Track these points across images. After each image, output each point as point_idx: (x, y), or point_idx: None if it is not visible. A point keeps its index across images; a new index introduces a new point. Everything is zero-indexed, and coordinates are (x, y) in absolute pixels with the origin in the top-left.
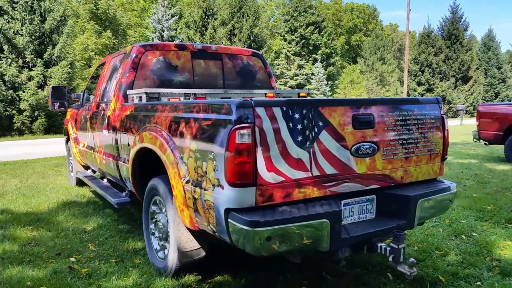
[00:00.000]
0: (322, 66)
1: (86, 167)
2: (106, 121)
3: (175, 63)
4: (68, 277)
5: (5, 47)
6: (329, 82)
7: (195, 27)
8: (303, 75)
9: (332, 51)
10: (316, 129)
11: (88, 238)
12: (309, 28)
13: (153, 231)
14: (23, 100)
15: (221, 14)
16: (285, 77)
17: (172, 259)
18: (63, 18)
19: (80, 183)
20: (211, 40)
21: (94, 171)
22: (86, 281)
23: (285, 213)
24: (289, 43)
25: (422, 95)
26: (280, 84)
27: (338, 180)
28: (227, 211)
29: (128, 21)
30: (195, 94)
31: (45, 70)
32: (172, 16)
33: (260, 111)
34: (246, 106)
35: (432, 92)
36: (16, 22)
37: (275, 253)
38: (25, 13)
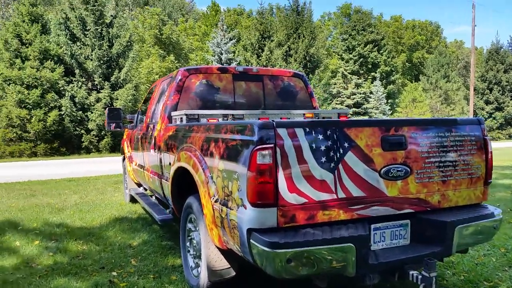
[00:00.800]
0: (382, 85)
1: (139, 185)
2: (153, 141)
3: (217, 85)
4: None
5: (77, 71)
6: (389, 101)
7: (252, 49)
8: (360, 93)
9: (392, 69)
10: (341, 150)
11: (132, 253)
12: (367, 46)
13: (189, 249)
14: (91, 120)
15: (278, 36)
16: (341, 96)
17: (204, 277)
18: (129, 43)
19: (133, 200)
20: (266, 62)
21: (145, 189)
22: None
23: (307, 235)
24: (347, 62)
25: (491, 114)
26: (336, 104)
27: (367, 203)
28: (249, 231)
29: (190, 46)
30: (233, 115)
31: (112, 92)
32: (230, 40)
33: (282, 132)
34: (268, 127)
35: (502, 111)
36: (87, 48)
37: (297, 276)
38: (95, 39)
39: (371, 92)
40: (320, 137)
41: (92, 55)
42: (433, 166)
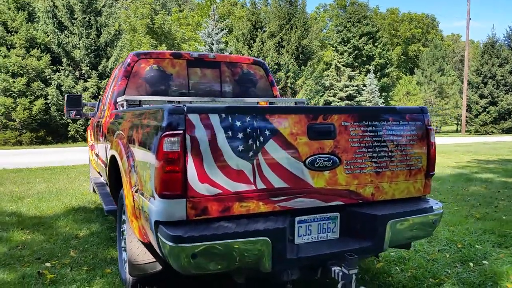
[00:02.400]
0: (376, 77)
1: (101, 174)
2: (101, 128)
3: (169, 71)
4: (32, 283)
5: (64, 59)
6: (383, 94)
7: (244, 40)
8: (353, 86)
9: (387, 61)
10: (261, 139)
11: (75, 244)
12: (362, 39)
13: (122, 241)
14: None
15: (270, 27)
16: (334, 89)
17: (128, 271)
18: (117, 32)
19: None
20: (258, 52)
21: None
22: (47, 287)
23: (218, 229)
24: (341, 54)
25: (485, 108)
26: (329, 96)
27: (290, 195)
28: (157, 224)
29: (183, 35)
30: (179, 102)
31: (99, 81)
32: (222, 30)
33: (194, 117)
34: (178, 112)
35: (496, 106)
36: (74, 37)
37: (207, 272)
38: (83, 28)
39: (364, 85)
40: (238, 124)
41: (79, 43)
42: (365, 157)
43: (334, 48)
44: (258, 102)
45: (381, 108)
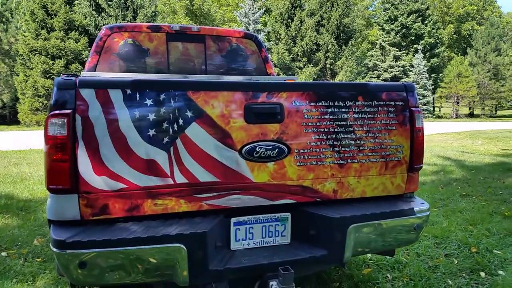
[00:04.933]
0: (424, 58)
1: None
2: None
3: (146, 46)
4: None
5: None
6: (433, 75)
7: (281, 19)
8: (399, 67)
9: (437, 41)
10: (180, 121)
11: (45, 232)
12: (411, 17)
13: None
14: None
15: (309, 5)
16: (378, 70)
17: None
18: (153, 14)
19: None
20: (296, 32)
21: None
22: None
23: (116, 233)
24: (388, 33)
25: None
26: (372, 77)
27: (221, 191)
28: (49, 223)
29: (222, 17)
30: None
31: None
32: (259, 9)
33: (88, 94)
34: (67, 86)
35: None
36: (111, 19)
37: (106, 284)
38: (119, 10)
39: (411, 66)
40: (149, 102)
41: None
42: (324, 145)
43: (380, 27)
44: (285, 80)
45: (348, 85)
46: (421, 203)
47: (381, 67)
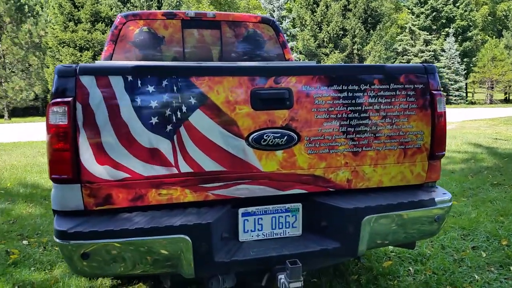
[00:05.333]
0: (456, 41)
1: None
2: None
3: (161, 33)
4: None
5: None
6: (465, 60)
7: (306, 4)
8: (430, 51)
9: (470, 23)
10: (184, 109)
11: None
12: None
13: None
14: None
15: None
16: (408, 54)
17: None
18: (178, 3)
19: None
20: (322, 17)
21: None
22: (7, 268)
23: (119, 223)
24: (417, 16)
25: None
26: (401, 62)
27: (228, 181)
28: (54, 214)
29: (247, 5)
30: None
31: None
32: None
33: (88, 81)
34: (67, 74)
35: None
36: (136, 9)
37: (111, 275)
38: (144, 0)
39: (442, 50)
40: (151, 89)
41: None
42: (337, 132)
43: (409, 10)
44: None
45: (362, 67)
46: (443, 193)
47: (411, 52)
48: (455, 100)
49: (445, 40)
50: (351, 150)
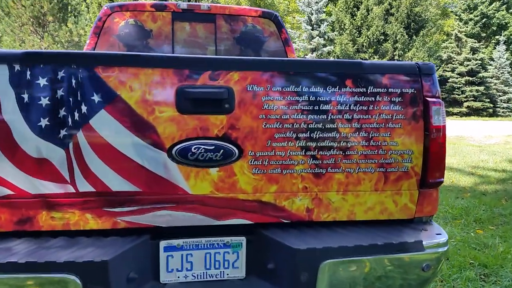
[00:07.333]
0: (507, 50)
1: None
2: None
3: (149, 26)
4: None
5: None
6: None
7: (346, 8)
8: (476, 60)
9: None
10: (84, 108)
11: None
12: (493, 5)
13: None
14: None
15: None
16: (453, 63)
17: None
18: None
19: None
20: (362, 21)
21: None
22: None
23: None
24: (465, 23)
25: None
26: (445, 70)
27: (144, 204)
28: None
29: (286, 7)
30: None
31: None
32: None
33: None
34: None
35: None
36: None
37: None
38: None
39: (491, 59)
40: (42, 82)
41: None
42: (293, 146)
43: (457, 17)
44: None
45: (331, 63)
46: (437, 233)
47: (456, 60)
48: (503, 112)
49: (495, 48)
50: (312, 171)
